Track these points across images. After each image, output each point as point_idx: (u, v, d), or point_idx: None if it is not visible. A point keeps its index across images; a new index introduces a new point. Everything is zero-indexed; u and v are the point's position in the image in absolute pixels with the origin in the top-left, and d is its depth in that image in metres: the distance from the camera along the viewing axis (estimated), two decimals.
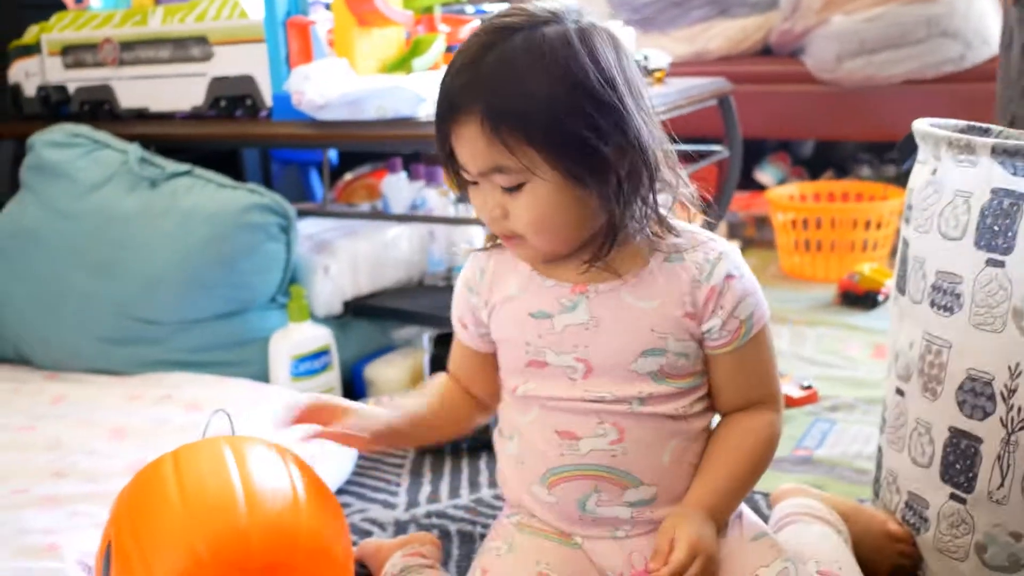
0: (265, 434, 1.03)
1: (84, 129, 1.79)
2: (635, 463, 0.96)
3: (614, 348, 0.94)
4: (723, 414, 1.01)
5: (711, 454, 0.98)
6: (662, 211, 0.95)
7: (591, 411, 0.95)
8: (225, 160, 2.19)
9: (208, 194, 1.66)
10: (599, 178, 0.88)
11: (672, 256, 0.95)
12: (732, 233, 2.71)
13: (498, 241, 1.00)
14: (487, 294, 1.01)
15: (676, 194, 0.95)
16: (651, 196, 0.92)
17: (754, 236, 2.73)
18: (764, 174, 2.91)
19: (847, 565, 1.01)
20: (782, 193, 2.57)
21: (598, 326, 0.94)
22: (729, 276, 0.94)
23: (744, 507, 1.02)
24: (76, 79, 1.97)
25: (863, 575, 1.03)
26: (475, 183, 0.92)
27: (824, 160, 3.06)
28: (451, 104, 0.89)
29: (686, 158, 0.99)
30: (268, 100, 1.75)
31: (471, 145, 0.88)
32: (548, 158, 0.87)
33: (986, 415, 1.00)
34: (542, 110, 0.85)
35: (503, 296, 1.00)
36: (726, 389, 0.99)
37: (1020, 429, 0.98)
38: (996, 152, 0.99)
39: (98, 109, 1.96)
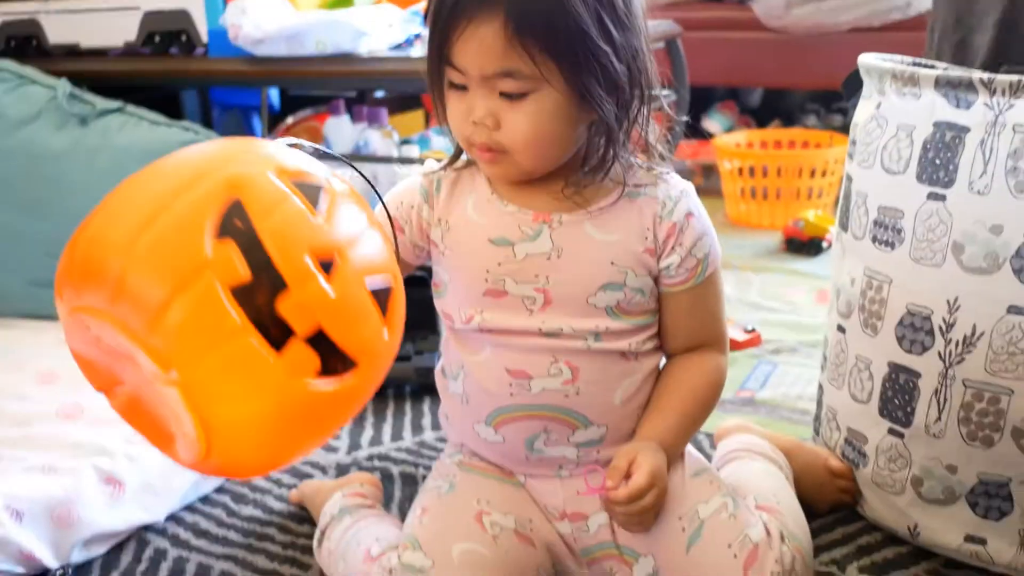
0: None
1: (9, 64, 1.72)
2: (586, 403, 0.95)
3: (575, 280, 0.92)
4: (671, 355, 1.00)
5: (662, 392, 0.98)
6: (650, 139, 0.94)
7: (545, 348, 0.93)
8: (165, 104, 2.12)
9: (142, 131, 1.60)
10: (605, 97, 0.86)
11: (635, 191, 0.93)
12: None
13: (459, 160, 0.96)
14: (442, 210, 0.97)
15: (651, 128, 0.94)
16: (645, 122, 0.91)
17: (701, 184, 2.73)
18: (712, 122, 2.90)
19: (786, 499, 1.01)
20: (729, 141, 2.57)
21: (560, 256, 0.92)
22: (689, 214, 0.94)
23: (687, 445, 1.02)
24: (1, 13, 1.89)
25: (804, 511, 1.03)
26: (462, 88, 0.87)
27: (772, 110, 3.06)
28: (467, 1, 0.83)
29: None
30: (204, 36, 1.69)
31: (483, 46, 0.83)
32: (565, 69, 0.84)
33: (924, 350, 1.01)
34: (571, 19, 0.82)
35: (460, 217, 0.96)
36: (677, 329, 0.98)
37: (958, 363, 0.99)
38: (940, 84, 0.98)
39: (26, 45, 1.88)
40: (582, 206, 0.92)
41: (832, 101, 2.91)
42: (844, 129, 2.62)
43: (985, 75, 0.95)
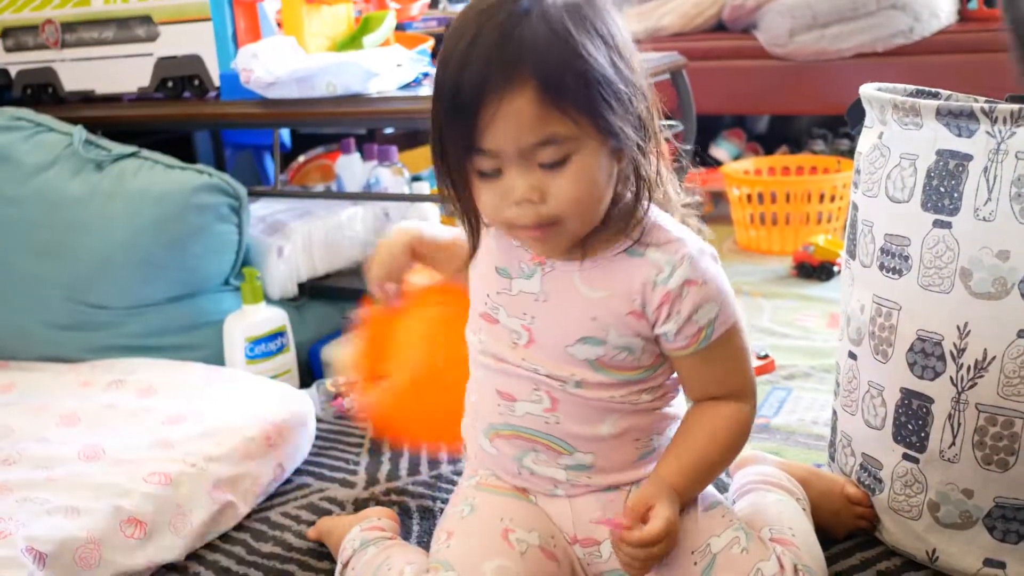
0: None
1: (26, 112, 1.75)
2: (569, 433, 0.96)
3: (555, 327, 0.94)
4: (695, 402, 0.99)
5: (684, 436, 0.96)
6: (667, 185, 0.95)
7: (529, 378, 0.96)
8: (177, 145, 2.15)
9: (156, 175, 1.63)
10: (635, 136, 0.87)
11: (637, 250, 0.91)
12: None
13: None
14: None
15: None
16: (659, 164, 0.92)
17: (711, 211, 2.75)
18: (719, 150, 2.92)
19: (800, 531, 1.01)
20: (737, 168, 2.58)
21: (546, 300, 0.94)
22: (689, 282, 0.90)
23: None
24: (17, 62, 1.92)
25: (821, 539, 1.03)
26: (493, 175, 0.86)
27: (778, 136, 3.08)
28: (492, 79, 0.81)
29: None
30: (216, 80, 1.72)
31: (519, 120, 0.81)
32: (599, 119, 0.84)
33: (936, 375, 1.02)
34: (593, 69, 0.82)
35: (484, 240, 0.99)
36: (693, 383, 0.97)
37: (970, 388, 0.99)
38: (941, 114, 1.00)
39: (42, 93, 1.91)
40: (577, 257, 0.92)
41: (839, 126, 2.93)
42: (851, 154, 2.62)
43: (986, 104, 0.97)
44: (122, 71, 1.81)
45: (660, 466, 0.96)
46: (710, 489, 1.01)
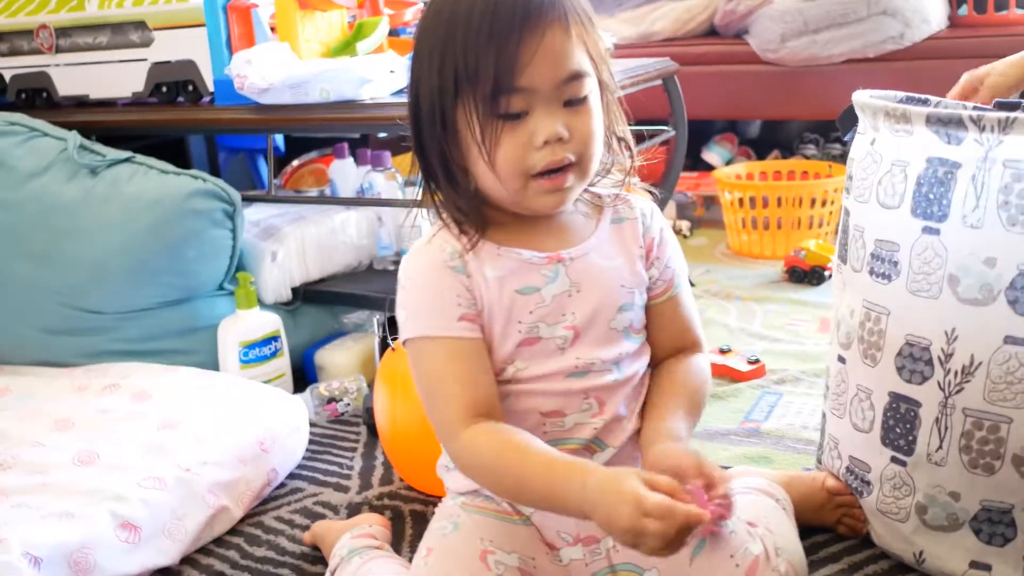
0: None
1: (20, 117, 1.76)
2: (608, 432, 0.98)
3: (596, 309, 0.96)
4: (659, 361, 1.03)
5: (668, 394, 1.00)
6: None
7: (577, 388, 0.96)
8: (171, 149, 2.16)
9: (151, 181, 1.63)
10: (613, 93, 0.94)
11: (617, 217, 0.99)
12: (680, 213, 2.73)
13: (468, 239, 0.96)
14: (472, 272, 0.94)
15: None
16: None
17: (703, 216, 2.76)
18: (711, 154, 2.93)
19: (775, 521, 1.03)
20: (729, 172, 2.59)
21: (579, 291, 0.96)
22: (662, 228, 1.01)
23: None
24: (11, 67, 1.93)
25: (812, 532, 1.08)
26: (517, 117, 0.87)
27: (770, 140, 3.09)
28: (535, 13, 0.85)
29: (635, 139, 1.00)
30: (210, 85, 1.73)
31: (556, 53, 0.85)
32: (602, 65, 0.91)
33: (924, 379, 1.03)
34: (593, 18, 0.90)
35: (483, 277, 0.94)
36: (663, 336, 1.02)
37: (957, 392, 1.00)
38: (931, 121, 1.01)
39: (36, 97, 1.92)
40: (581, 240, 0.97)
41: (830, 131, 2.94)
42: (843, 158, 2.64)
43: (974, 112, 0.98)
44: (116, 76, 1.82)
45: (663, 425, 0.97)
46: None
